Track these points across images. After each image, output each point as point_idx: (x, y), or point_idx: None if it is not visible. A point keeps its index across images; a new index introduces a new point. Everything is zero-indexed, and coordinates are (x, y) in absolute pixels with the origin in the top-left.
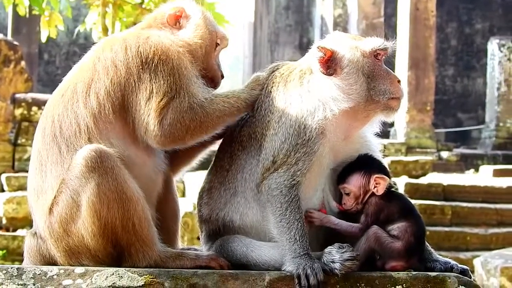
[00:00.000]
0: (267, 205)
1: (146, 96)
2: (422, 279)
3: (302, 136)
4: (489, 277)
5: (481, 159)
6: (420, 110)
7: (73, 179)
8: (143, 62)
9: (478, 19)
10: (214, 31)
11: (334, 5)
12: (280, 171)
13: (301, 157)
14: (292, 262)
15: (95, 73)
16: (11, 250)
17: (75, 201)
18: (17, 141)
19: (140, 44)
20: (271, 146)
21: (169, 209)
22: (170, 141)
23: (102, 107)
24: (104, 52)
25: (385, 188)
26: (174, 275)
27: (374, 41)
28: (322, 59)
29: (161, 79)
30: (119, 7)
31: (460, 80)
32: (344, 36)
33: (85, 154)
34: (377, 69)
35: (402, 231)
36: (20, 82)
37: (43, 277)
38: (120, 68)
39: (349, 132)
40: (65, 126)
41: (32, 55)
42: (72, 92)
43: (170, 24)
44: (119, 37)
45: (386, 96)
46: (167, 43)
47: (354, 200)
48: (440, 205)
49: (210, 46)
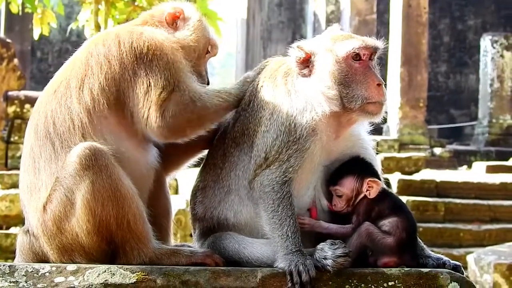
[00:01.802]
0: (259, 202)
1: (143, 90)
2: (415, 275)
3: (293, 134)
4: (482, 274)
5: (474, 156)
6: (413, 106)
7: (67, 177)
8: (137, 57)
9: (471, 16)
10: (208, 37)
11: (326, 2)
12: (272, 168)
13: (292, 154)
14: (284, 258)
15: (88, 68)
16: (4, 248)
17: (69, 199)
18: (10, 139)
19: (134, 39)
20: (263, 143)
21: (161, 206)
22: (172, 133)
23: (96, 102)
24: (97, 47)
25: (377, 192)
26: (166, 272)
27: (347, 45)
28: (299, 59)
29: (158, 73)
30: (112, 4)
31: (453, 77)
32: (330, 36)
33: (79, 152)
34: (350, 74)
35: (394, 226)
36: (13, 79)
37: (35, 274)
38: (114, 64)
39: (340, 132)
40: (59, 122)
41: (25, 53)
42: (65, 87)
43: (168, 22)
44: (112, 32)
45: (359, 103)
46: (161, 38)
47: (345, 202)
48: (433, 201)
49: (202, 51)
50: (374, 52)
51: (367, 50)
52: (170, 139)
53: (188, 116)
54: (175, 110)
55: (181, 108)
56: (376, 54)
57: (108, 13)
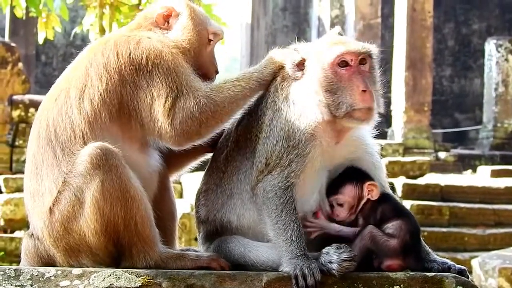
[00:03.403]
0: (263, 208)
1: (148, 103)
2: (420, 279)
3: (292, 139)
4: (487, 278)
5: (479, 160)
6: (417, 110)
7: (77, 176)
8: (136, 69)
9: (475, 20)
10: (204, 29)
11: (331, 6)
12: (274, 173)
13: (293, 159)
14: (289, 263)
15: (87, 79)
16: (9, 252)
17: (79, 198)
18: (15, 143)
19: (131, 49)
20: (264, 149)
21: (166, 209)
22: (186, 138)
23: (98, 114)
24: (96, 57)
25: (378, 193)
26: (171, 276)
27: (332, 51)
28: (294, 62)
29: (159, 83)
30: (116, 8)
31: (458, 81)
32: (325, 40)
33: (90, 151)
34: (336, 81)
35: (397, 228)
36: (18, 83)
37: (41, 278)
38: (114, 76)
39: (339, 137)
40: (60, 130)
41: (29, 57)
42: (65, 97)
43: (159, 24)
44: (110, 40)
45: (343, 110)
46: (158, 46)
47: (348, 211)
48: (438, 205)
49: (201, 45)
50: (363, 56)
51: (353, 55)
52: (186, 144)
53: (198, 118)
54: (182, 116)
55: (188, 113)
56: (369, 58)
57: (113, 17)
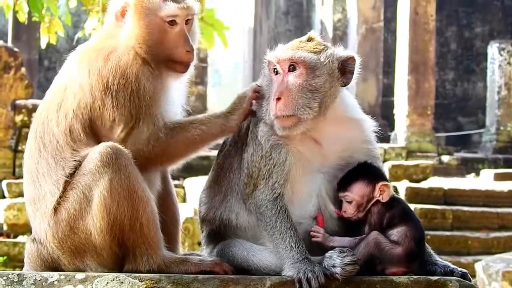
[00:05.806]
0: (259, 223)
1: (109, 124)
2: (423, 283)
3: (264, 148)
4: (491, 282)
5: (482, 163)
6: (420, 114)
7: (86, 174)
8: (105, 87)
9: (478, 23)
10: (154, 16)
11: (333, 10)
12: (260, 188)
13: (272, 169)
14: (292, 267)
15: (64, 94)
16: (12, 257)
17: (86, 196)
18: (18, 148)
19: (100, 67)
20: (246, 158)
21: (170, 213)
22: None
23: (72, 127)
24: (72, 72)
25: (390, 195)
26: (175, 280)
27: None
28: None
29: (122, 106)
30: None
31: (460, 84)
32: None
33: (101, 149)
34: (267, 88)
35: (402, 235)
36: (21, 88)
37: (44, 283)
38: (86, 92)
39: (318, 137)
40: (47, 141)
41: (32, 62)
42: (47, 111)
43: (117, 22)
44: (84, 54)
45: (268, 118)
46: (125, 60)
47: (356, 208)
48: (441, 209)
49: (159, 32)
50: (283, 65)
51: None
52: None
53: (146, 155)
54: (133, 150)
55: (138, 148)
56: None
57: None
